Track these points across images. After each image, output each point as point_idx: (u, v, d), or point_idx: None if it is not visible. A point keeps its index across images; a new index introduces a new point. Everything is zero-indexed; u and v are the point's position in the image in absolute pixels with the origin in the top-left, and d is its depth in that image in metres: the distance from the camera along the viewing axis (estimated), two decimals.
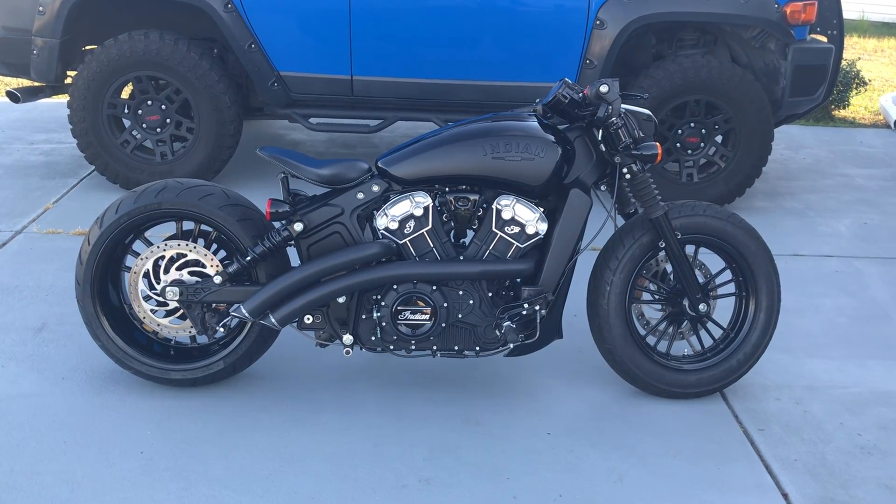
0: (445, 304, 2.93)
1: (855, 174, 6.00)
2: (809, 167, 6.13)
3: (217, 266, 2.97)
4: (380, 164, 2.96)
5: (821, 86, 5.11)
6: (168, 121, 4.99)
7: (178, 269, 2.97)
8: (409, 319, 2.93)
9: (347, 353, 2.98)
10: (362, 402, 3.08)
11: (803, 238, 4.81)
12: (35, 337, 3.42)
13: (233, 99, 4.96)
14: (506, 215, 2.90)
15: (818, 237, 4.83)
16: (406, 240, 2.92)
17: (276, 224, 2.99)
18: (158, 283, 2.97)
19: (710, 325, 3.19)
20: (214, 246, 3.09)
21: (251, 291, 2.90)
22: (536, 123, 2.96)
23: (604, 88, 2.84)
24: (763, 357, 3.22)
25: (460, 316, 2.95)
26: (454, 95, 4.97)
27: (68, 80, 5.14)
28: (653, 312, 3.33)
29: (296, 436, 2.88)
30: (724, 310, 3.25)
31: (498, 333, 2.95)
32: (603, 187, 3.05)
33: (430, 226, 2.91)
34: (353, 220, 2.94)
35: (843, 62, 6.80)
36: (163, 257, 2.97)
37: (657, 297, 3.19)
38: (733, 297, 3.20)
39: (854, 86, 7.49)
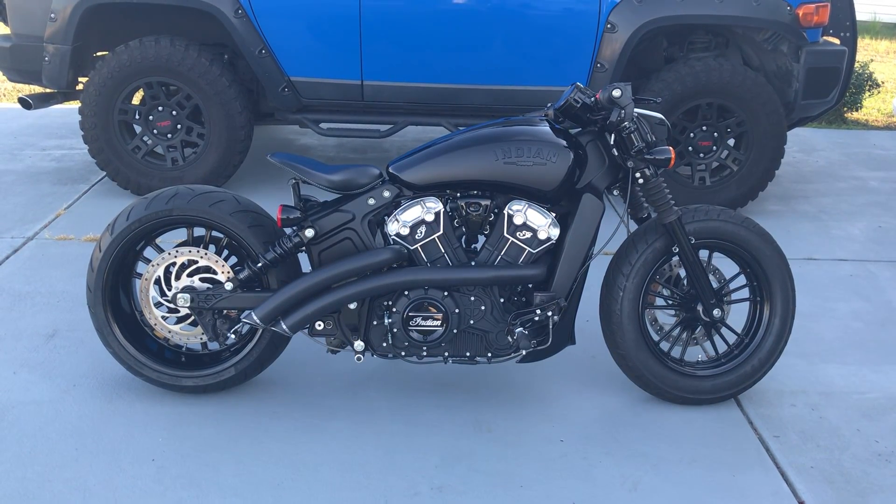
0: (457, 310, 2.91)
1: (868, 177, 5.96)
2: (822, 170, 6.09)
3: (228, 272, 2.96)
4: (391, 170, 2.95)
5: (834, 88, 5.08)
6: (179, 126, 5.00)
7: (190, 275, 2.96)
8: (421, 325, 2.92)
9: (359, 359, 2.97)
10: (374, 408, 3.07)
11: (817, 242, 4.77)
12: (46, 343, 3.42)
13: (243, 104, 4.96)
14: (517, 220, 2.88)
15: (832, 241, 4.79)
16: (417, 245, 2.90)
17: (288, 230, 2.98)
18: (169, 290, 2.97)
19: (724, 330, 3.17)
20: (226, 252, 3.08)
21: (262, 298, 2.89)
22: (548, 128, 2.94)
23: (616, 93, 2.82)
24: (778, 362, 3.19)
25: (472, 322, 2.93)
26: (465, 100, 4.96)
27: (80, 87, 5.16)
28: (666, 318, 3.30)
29: (307, 443, 2.87)
30: (738, 315, 3.22)
31: (510, 339, 2.93)
32: (615, 192, 3.03)
33: (441, 231, 2.90)
34: (365, 226, 2.93)
35: (856, 64, 6.76)
36: (174, 264, 2.96)
37: (671, 302, 3.16)
38: (748, 303, 3.18)
39: (867, 88, 7.45)
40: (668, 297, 3.16)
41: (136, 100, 5.14)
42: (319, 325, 2.96)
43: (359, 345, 2.95)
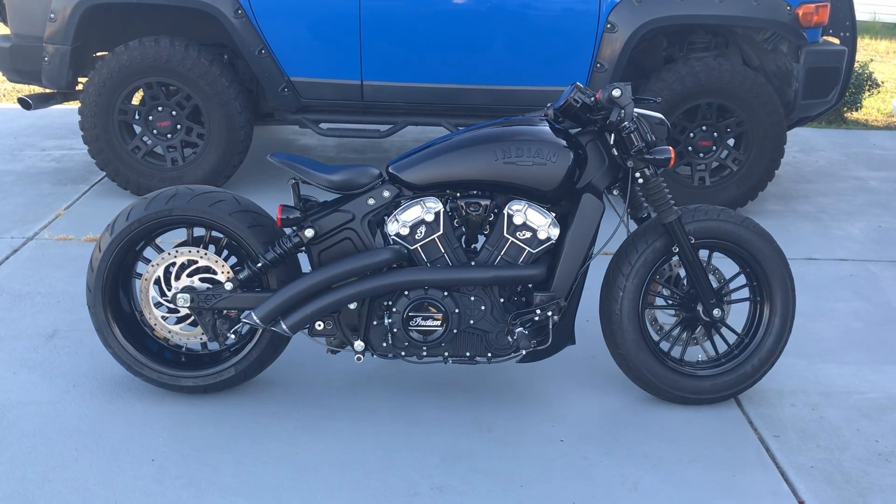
0: (457, 310, 2.91)
1: (868, 177, 5.96)
2: (822, 170, 6.09)
3: (228, 272, 2.96)
4: (390, 170, 2.95)
5: (833, 88, 5.08)
6: (178, 127, 5.00)
7: (189, 275, 2.96)
8: (421, 325, 2.92)
9: (359, 359, 2.97)
10: (374, 408, 3.07)
11: (817, 241, 4.77)
12: (46, 343, 3.42)
13: (243, 104, 4.96)
14: (517, 220, 2.88)
15: (832, 241, 4.79)
16: (417, 245, 2.90)
17: (287, 230, 2.98)
18: (169, 290, 2.97)
19: (724, 330, 3.17)
20: (225, 252, 3.08)
21: (262, 298, 2.89)
22: (548, 128, 2.94)
23: (616, 92, 2.82)
24: (778, 362, 3.19)
25: (472, 322, 2.93)
26: (465, 100, 4.96)
27: (79, 87, 5.15)
28: (666, 318, 3.30)
29: (307, 443, 2.87)
30: (738, 315, 3.22)
31: (510, 339, 2.93)
32: (615, 192, 3.03)
33: (441, 231, 2.90)
34: (364, 226, 2.93)
35: (856, 64, 6.76)
36: (174, 264, 2.96)
37: (671, 302, 3.16)
38: (748, 302, 3.18)
39: (867, 88, 7.46)
40: (668, 297, 3.16)
41: (136, 100, 5.14)
42: (319, 326, 2.96)
43: (359, 345, 2.96)
